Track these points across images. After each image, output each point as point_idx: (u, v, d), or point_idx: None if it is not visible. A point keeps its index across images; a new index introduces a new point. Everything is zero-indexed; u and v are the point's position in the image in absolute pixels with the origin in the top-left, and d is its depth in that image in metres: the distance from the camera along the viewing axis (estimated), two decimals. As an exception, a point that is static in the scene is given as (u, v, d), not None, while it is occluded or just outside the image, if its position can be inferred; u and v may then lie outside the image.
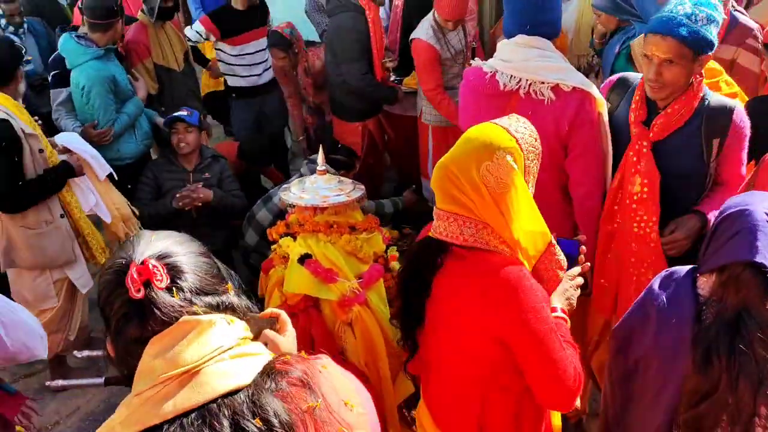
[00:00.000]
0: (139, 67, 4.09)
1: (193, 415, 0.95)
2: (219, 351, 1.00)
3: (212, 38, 4.53)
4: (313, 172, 3.70)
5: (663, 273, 1.78)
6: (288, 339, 1.28)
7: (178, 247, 1.08)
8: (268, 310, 1.34)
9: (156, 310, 0.99)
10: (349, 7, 4.12)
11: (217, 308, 1.06)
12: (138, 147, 3.91)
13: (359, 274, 2.66)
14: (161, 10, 4.04)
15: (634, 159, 2.36)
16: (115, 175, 3.45)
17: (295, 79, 4.83)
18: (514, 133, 1.66)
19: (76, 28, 3.86)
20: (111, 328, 1.05)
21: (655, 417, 1.63)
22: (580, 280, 1.85)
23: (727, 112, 2.25)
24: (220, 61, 4.74)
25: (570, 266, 1.84)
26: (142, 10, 4.17)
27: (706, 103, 2.26)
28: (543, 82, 2.43)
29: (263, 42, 4.68)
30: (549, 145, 2.50)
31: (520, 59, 2.47)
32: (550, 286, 1.73)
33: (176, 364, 0.97)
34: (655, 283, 1.75)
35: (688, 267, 1.72)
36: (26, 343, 2.60)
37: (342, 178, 2.82)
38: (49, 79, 3.88)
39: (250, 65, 4.68)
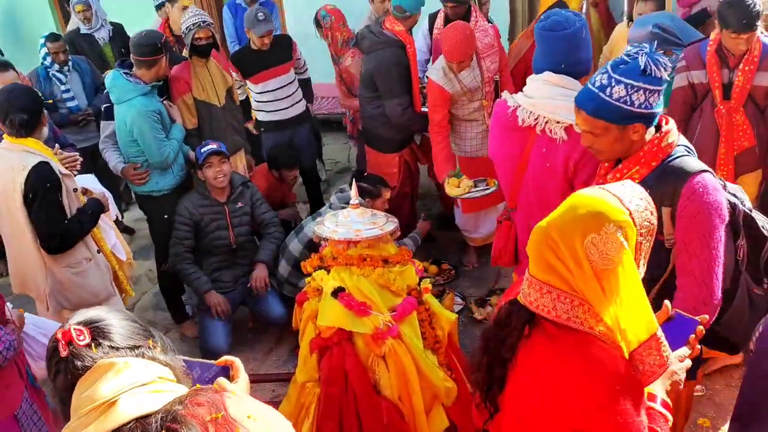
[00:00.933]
0: (179, 102, 4.20)
1: None
2: (134, 385, 1.19)
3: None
4: (341, 200, 3.76)
5: None
6: (239, 385, 1.45)
7: (106, 314, 1.31)
8: (223, 358, 1.54)
9: (78, 362, 1.22)
10: (390, 43, 4.18)
11: (139, 357, 1.27)
12: (174, 179, 4.00)
13: (392, 307, 2.67)
14: (194, 47, 4.16)
15: None
16: (120, 217, 3.56)
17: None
18: (628, 204, 1.47)
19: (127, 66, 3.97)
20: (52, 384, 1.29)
21: None
22: (688, 363, 1.64)
23: (681, 176, 1.96)
24: (253, 99, 4.87)
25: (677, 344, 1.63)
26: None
27: (667, 163, 2.01)
28: (558, 122, 2.44)
29: (287, 78, 4.76)
30: (559, 182, 2.51)
31: (543, 96, 2.48)
32: (643, 380, 1.51)
33: (94, 399, 1.17)
34: None
35: None
36: None
37: (375, 212, 2.84)
38: (102, 109, 4.03)
39: (273, 101, 4.79)
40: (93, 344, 1.24)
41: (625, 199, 1.47)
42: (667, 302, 1.66)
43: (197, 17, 4.17)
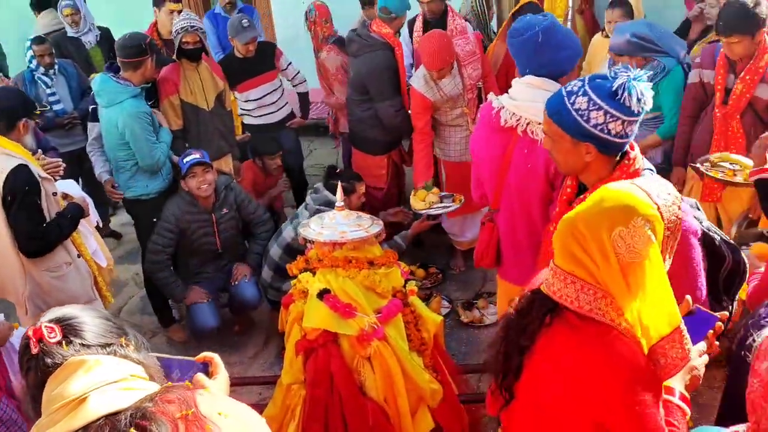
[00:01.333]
0: (165, 102, 4.22)
1: None
2: (105, 383, 1.20)
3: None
4: (316, 201, 3.75)
5: None
6: (218, 382, 1.46)
7: (79, 312, 1.33)
8: (202, 355, 1.54)
9: (48, 359, 1.24)
10: (378, 46, 4.21)
11: (111, 355, 1.28)
12: (163, 182, 4.01)
13: (378, 309, 2.68)
14: (182, 50, 4.18)
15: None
16: (100, 223, 3.72)
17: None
18: (656, 198, 1.47)
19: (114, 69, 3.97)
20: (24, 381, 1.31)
21: None
22: (706, 358, 1.64)
23: None
24: (239, 105, 4.89)
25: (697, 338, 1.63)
26: None
27: None
28: (539, 123, 2.46)
29: (271, 86, 4.81)
30: (540, 183, 2.53)
31: (526, 99, 2.51)
32: (663, 373, 1.52)
33: (64, 396, 1.18)
34: None
35: None
36: None
37: (361, 214, 2.85)
38: (90, 110, 4.04)
39: (258, 108, 4.85)
40: (64, 342, 1.26)
41: (653, 193, 1.47)
42: (688, 297, 1.67)
43: (186, 21, 4.19)
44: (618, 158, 1.97)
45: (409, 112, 4.32)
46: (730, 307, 1.94)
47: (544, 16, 2.60)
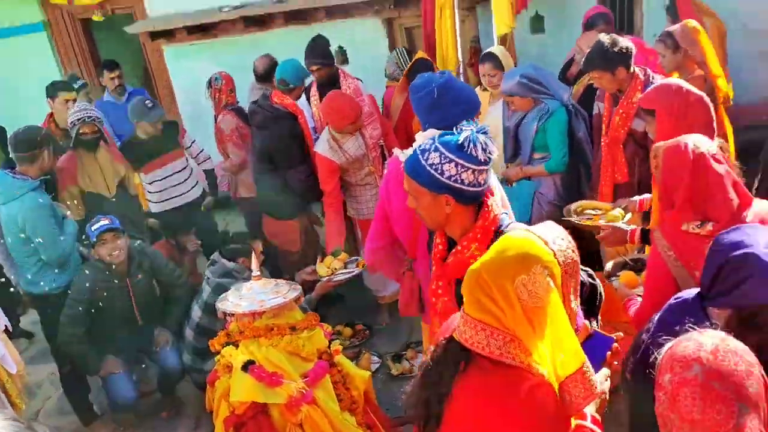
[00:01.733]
0: (65, 193, 4.14)
1: None
2: None
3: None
4: (215, 273, 3.72)
5: (672, 300, 1.84)
6: None
7: None
8: None
9: None
10: (282, 116, 4.31)
11: None
12: (71, 276, 3.89)
13: (305, 373, 2.68)
14: (80, 140, 4.15)
15: (434, 300, 2.27)
16: (11, 328, 3.54)
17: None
18: (552, 245, 1.59)
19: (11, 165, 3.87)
20: None
21: None
22: (609, 383, 1.77)
23: None
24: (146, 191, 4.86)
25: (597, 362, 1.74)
26: None
27: (500, 233, 2.03)
28: None
29: (180, 163, 4.84)
30: None
31: None
32: (569, 409, 1.59)
33: None
34: (666, 314, 1.84)
35: (694, 293, 1.83)
36: None
37: (278, 281, 2.87)
38: None
39: (166, 189, 4.82)
40: None
41: (549, 240, 1.59)
42: (587, 322, 1.78)
43: (82, 112, 4.19)
44: (477, 208, 2.10)
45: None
46: (596, 323, 2.06)
47: (442, 73, 2.77)
